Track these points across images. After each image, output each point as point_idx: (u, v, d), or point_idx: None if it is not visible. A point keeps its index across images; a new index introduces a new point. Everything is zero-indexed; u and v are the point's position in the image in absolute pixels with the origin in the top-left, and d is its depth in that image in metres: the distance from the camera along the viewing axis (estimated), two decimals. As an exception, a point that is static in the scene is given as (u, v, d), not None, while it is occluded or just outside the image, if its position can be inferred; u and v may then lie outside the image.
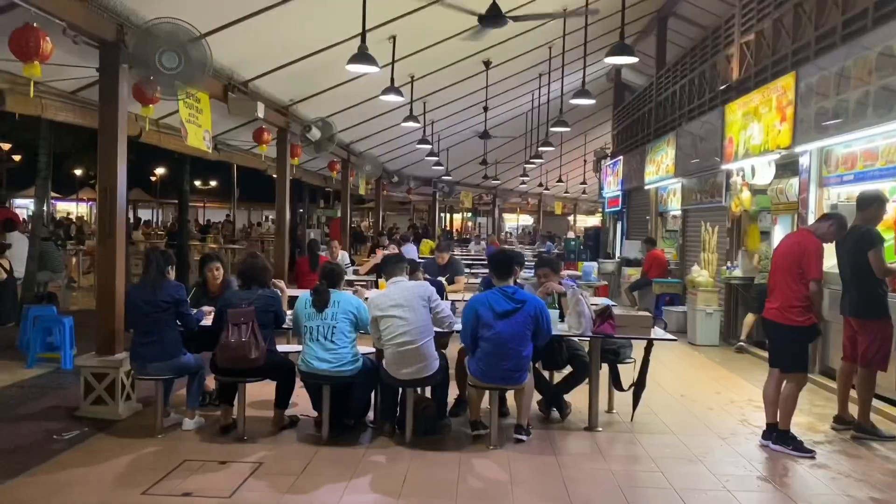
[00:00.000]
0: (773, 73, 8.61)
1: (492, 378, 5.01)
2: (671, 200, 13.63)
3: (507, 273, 5.10)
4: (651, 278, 12.63)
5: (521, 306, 4.92)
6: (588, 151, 25.73)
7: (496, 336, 4.89)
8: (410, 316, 4.93)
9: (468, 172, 25.01)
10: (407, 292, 5.01)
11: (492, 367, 4.95)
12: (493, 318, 4.91)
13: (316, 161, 15.39)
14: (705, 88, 11.50)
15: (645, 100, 15.64)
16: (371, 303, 5.11)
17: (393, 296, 5.02)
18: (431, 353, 5.00)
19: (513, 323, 4.88)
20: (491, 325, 4.91)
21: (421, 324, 4.95)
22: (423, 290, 5.05)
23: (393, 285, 5.15)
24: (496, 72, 13.26)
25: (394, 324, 4.95)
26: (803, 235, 5.41)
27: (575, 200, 36.02)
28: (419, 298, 4.99)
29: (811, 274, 5.12)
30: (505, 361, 4.92)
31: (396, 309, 4.96)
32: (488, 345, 4.92)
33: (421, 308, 4.96)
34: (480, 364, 4.98)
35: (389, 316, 4.96)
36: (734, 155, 9.60)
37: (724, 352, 9.54)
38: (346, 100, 11.67)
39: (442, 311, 5.13)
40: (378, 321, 5.01)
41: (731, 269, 9.93)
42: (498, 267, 5.13)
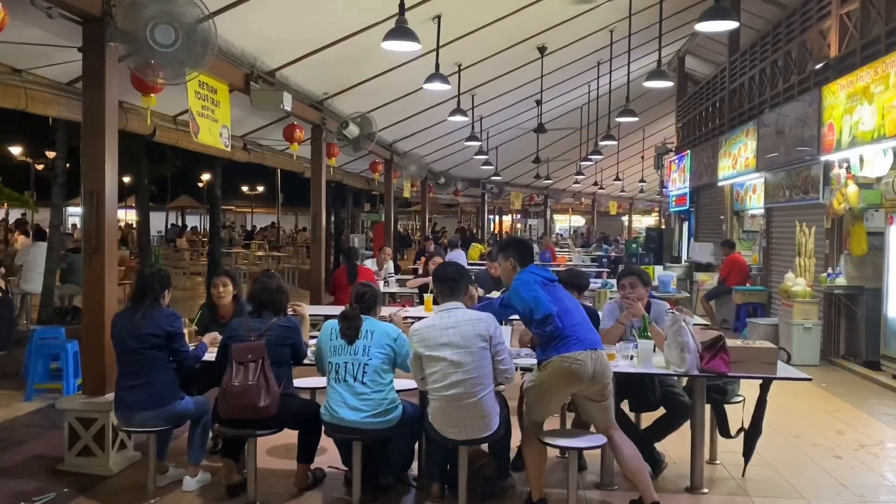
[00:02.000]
0: (890, 45, 7.23)
1: (590, 342, 3.94)
2: (750, 198, 12.21)
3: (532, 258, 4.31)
4: (730, 286, 11.26)
5: (556, 280, 4.19)
6: (647, 147, 24.25)
7: (564, 297, 4.10)
8: (467, 360, 3.76)
9: (518, 172, 23.78)
10: (464, 328, 3.79)
11: (582, 327, 3.99)
12: (551, 287, 4.11)
13: (357, 162, 14.42)
14: (792, 70, 10.11)
15: (716, 88, 14.22)
16: (415, 335, 3.88)
17: (445, 331, 3.80)
18: (492, 407, 3.85)
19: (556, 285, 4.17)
20: (551, 285, 4.11)
21: (481, 372, 3.78)
22: (486, 326, 3.81)
23: (445, 314, 3.90)
24: (551, 60, 12.05)
25: (443, 369, 3.78)
26: None
27: (631, 199, 34.41)
28: (479, 338, 3.79)
29: None
30: (586, 320, 4.08)
31: (448, 350, 3.77)
32: (565, 305, 4.04)
33: (480, 350, 3.79)
34: (570, 324, 3.93)
35: (438, 357, 3.79)
36: (836, 144, 8.21)
37: (827, 373, 8.16)
38: (387, 93, 10.62)
39: (503, 356, 3.90)
40: (423, 361, 3.86)
41: (832, 277, 8.53)
42: (526, 250, 4.33)
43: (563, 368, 3.83)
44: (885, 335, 7.76)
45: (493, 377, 3.85)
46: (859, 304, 8.27)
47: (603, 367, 3.88)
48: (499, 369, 3.85)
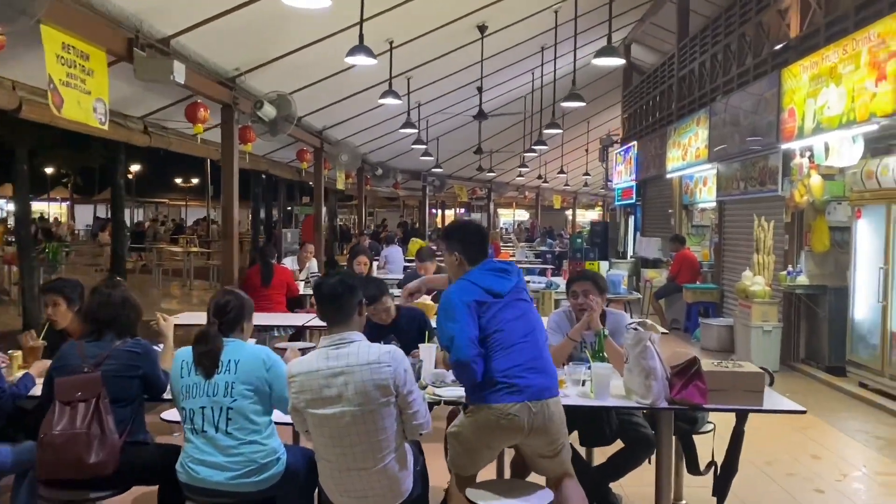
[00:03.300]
0: (859, 21, 6.57)
1: (529, 392, 2.99)
2: (700, 190, 11.60)
3: (486, 248, 3.41)
4: (681, 283, 10.61)
5: (518, 278, 3.26)
6: (592, 140, 23.69)
7: (515, 319, 3.12)
8: (365, 420, 2.75)
9: (461, 164, 22.92)
10: (359, 376, 2.74)
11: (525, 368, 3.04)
12: (498, 300, 3.11)
13: (285, 151, 13.32)
14: (747, 53, 9.46)
15: (664, 76, 13.58)
16: (292, 382, 2.80)
17: (333, 379, 2.74)
18: (400, 472, 2.86)
19: (520, 294, 3.24)
20: (497, 303, 3.12)
21: (384, 434, 2.78)
22: (389, 373, 2.76)
23: (332, 351, 2.80)
24: (492, 42, 11.18)
25: (332, 433, 2.77)
26: None
27: (575, 193, 33.98)
28: (378, 391, 2.75)
29: None
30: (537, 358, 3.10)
31: (338, 407, 2.74)
32: (509, 336, 3.08)
33: (382, 407, 2.77)
34: (506, 367, 3.01)
35: (324, 417, 2.75)
36: (797, 131, 7.56)
37: (789, 380, 7.50)
38: (311, 72, 9.58)
39: (415, 407, 2.85)
40: (303, 415, 2.83)
41: (792, 275, 7.89)
42: (476, 241, 3.34)
43: (489, 422, 2.96)
44: (850, 339, 7.14)
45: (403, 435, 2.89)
46: (822, 305, 7.65)
47: (547, 421, 2.99)
48: (410, 426, 2.88)
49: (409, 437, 2.94)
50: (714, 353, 8.91)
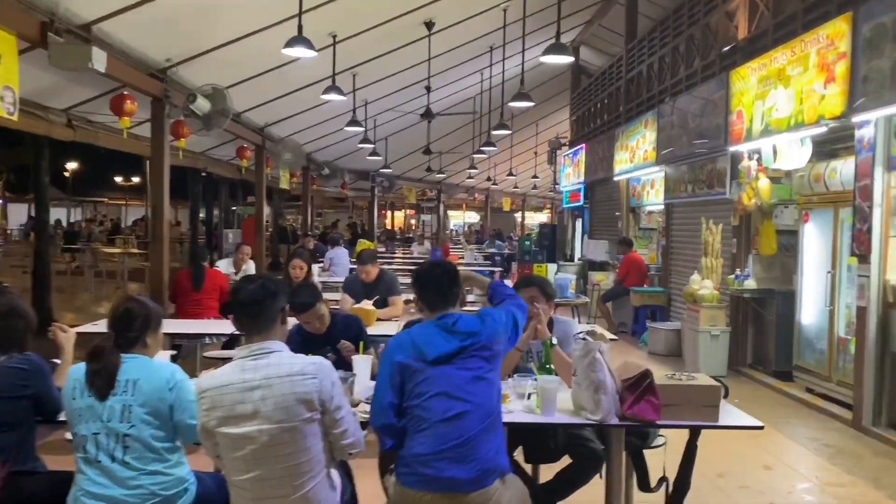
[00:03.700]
0: (807, 23, 6.50)
1: (439, 484, 2.59)
2: (648, 193, 11.54)
3: (452, 297, 2.86)
4: (628, 286, 10.52)
5: (474, 338, 2.70)
6: (540, 142, 23.65)
7: (439, 395, 2.62)
8: (285, 440, 2.43)
9: (410, 165, 22.62)
10: (279, 389, 2.43)
11: (439, 456, 2.59)
12: (428, 368, 2.65)
13: (225, 148, 12.83)
14: (695, 55, 9.41)
15: (612, 78, 13.52)
16: (202, 398, 2.47)
17: (249, 393, 2.43)
18: (325, 499, 2.55)
19: (467, 363, 2.66)
20: (425, 371, 2.65)
21: (307, 456, 2.46)
22: (314, 385, 2.46)
23: (249, 363, 2.48)
24: (440, 40, 10.92)
25: (248, 454, 2.44)
26: None
27: (524, 195, 33.99)
28: (302, 405, 2.44)
29: None
30: (460, 444, 2.59)
31: (255, 424, 2.42)
32: (426, 414, 2.62)
33: (304, 424, 2.45)
34: (417, 453, 2.63)
35: (239, 437, 2.43)
36: (746, 133, 7.49)
37: (736, 385, 7.37)
38: (251, 66, 9.18)
39: (344, 425, 2.55)
40: (215, 436, 2.49)
41: (740, 279, 7.82)
42: (433, 287, 2.87)
43: (404, 501, 2.67)
44: (797, 343, 7.09)
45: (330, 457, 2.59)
46: (769, 309, 7.60)
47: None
48: (338, 446, 2.57)
49: (338, 457, 2.65)
50: (661, 357, 8.84)
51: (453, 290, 2.86)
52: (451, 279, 2.89)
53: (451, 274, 2.92)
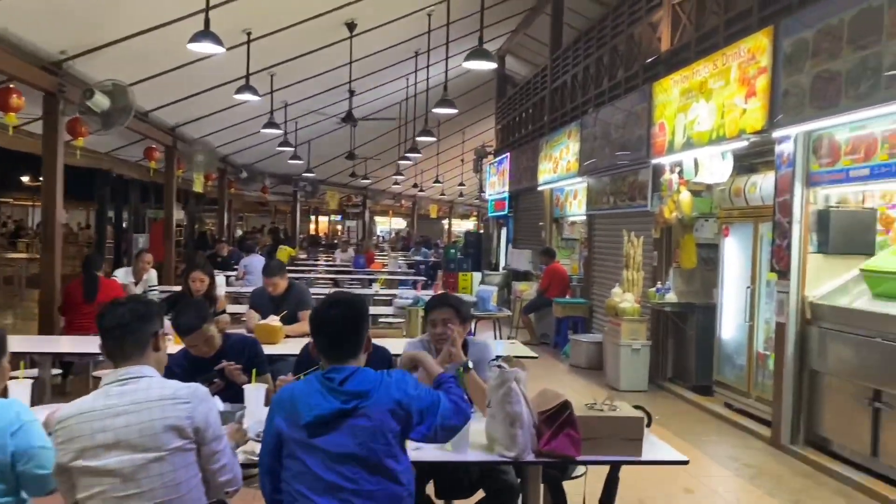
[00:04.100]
0: (729, 36, 6.48)
1: None
2: (571, 204, 11.49)
3: (350, 346, 2.42)
4: (550, 297, 10.41)
5: (363, 401, 2.28)
6: (467, 150, 23.55)
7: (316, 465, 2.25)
8: (152, 472, 2.12)
9: (335, 170, 22.12)
10: (146, 415, 2.14)
11: None
12: (303, 436, 2.26)
13: (133, 148, 12.13)
14: (618, 67, 9.39)
15: (537, 88, 13.47)
16: (59, 430, 2.14)
17: (112, 420, 2.12)
18: None
19: (347, 432, 2.26)
20: (303, 445, 2.26)
21: (176, 493, 2.15)
22: (186, 410, 2.18)
23: (115, 389, 2.18)
24: (362, 43, 10.58)
25: (109, 490, 2.11)
26: None
27: (451, 203, 33.90)
28: (172, 432, 2.15)
29: None
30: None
31: (116, 455, 2.11)
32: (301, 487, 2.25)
33: (175, 455, 2.15)
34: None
35: (99, 470, 2.10)
36: (668, 146, 7.45)
37: (656, 400, 7.35)
38: (157, 61, 8.63)
39: (223, 460, 2.27)
40: (72, 474, 2.14)
41: (661, 292, 7.78)
42: (327, 331, 2.43)
43: None
44: (717, 358, 7.06)
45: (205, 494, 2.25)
46: (689, 323, 7.56)
47: None
48: (215, 483, 2.26)
49: (213, 496, 2.31)
50: (583, 370, 8.73)
51: (352, 338, 2.40)
52: (352, 323, 2.41)
53: (352, 317, 2.42)
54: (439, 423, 2.35)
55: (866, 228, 5.44)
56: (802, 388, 5.57)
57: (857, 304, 5.12)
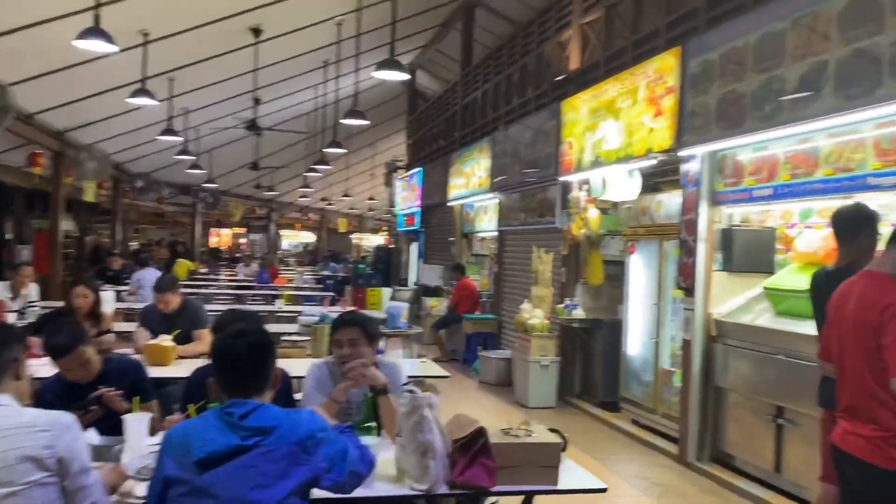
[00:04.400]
0: (637, 56, 6.58)
1: None
2: (482, 219, 11.46)
3: (256, 381, 2.18)
4: (461, 313, 10.31)
5: (264, 438, 2.05)
6: (377, 164, 23.32)
7: None
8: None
9: (239, 181, 21.42)
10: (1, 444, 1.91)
11: None
12: (193, 476, 2.00)
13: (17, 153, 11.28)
14: (528, 84, 9.43)
15: (448, 103, 13.44)
16: None
17: None
18: None
19: (244, 473, 2.00)
20: (192, 489, 1.99)
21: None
22: (47, 439, 1.94)
23: None
24: (269, 49, 10.24)
25: None
26: (878, 282, 2.62)
27: (360, 217, 33.52)
28: (28, 463, 1.90)
29: None
30: None
31: None
32: None
33: (32, 489, 1.90)
34: None
35: None
36: (576, 163, 7.50)
37: (564, 416, 7.34)
38: (41, 60, 8.04)
39: (90, 495, 2.03)
40: None
41: (569, 309, 7.79)
42: (231, 363, 2.20)
43: None
44: (624, 374, 7.10)
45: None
46: (597, 340, 7.59)
47: None
48: None
49: None
50: (492, 386, 8.64)
51: (259, 373, 2.17)
52: (259, 357, 2.19)
53: (258, 350, 2.20)
54: (348, 470, 2.15)
55: (767, 247, 5.56)
56: (708, 404, 5.63)
57: (760, 321, 5.22)
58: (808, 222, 5.37)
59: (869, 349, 2.52)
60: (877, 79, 3.85)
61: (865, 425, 2.60)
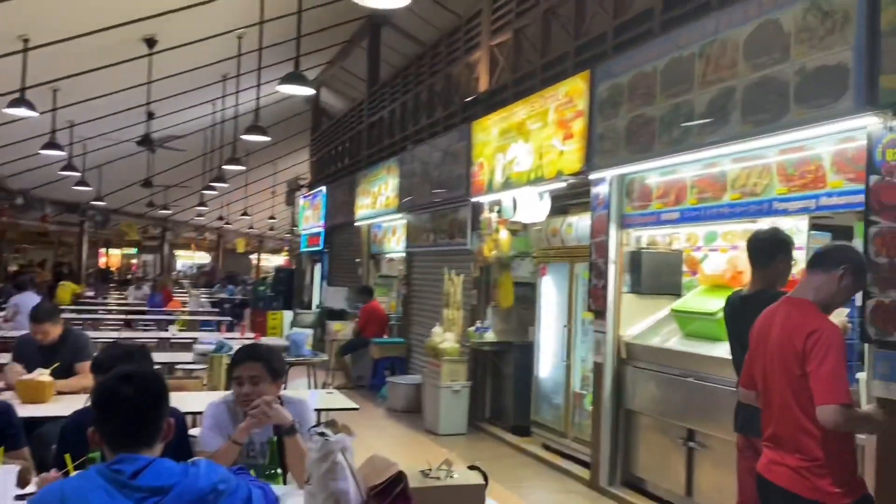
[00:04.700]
0: (546, 79, 6.59)
1: None
2: (389, 240, 11.25)
3: (146, 433, 1.91)
4: (367, 337, 10.03)
5: (162, 499, 1.75)
6: (279, 183, 22.73)
7: None
8: None
9: (130, 199, 20.35)
10: None
11: None
12: None
13: None
14: (437, 104, 9.35)
15: (354, 121, 13.20)
16: None
17: None
18: None
19: None
20: None
21: None
22: None
23: None
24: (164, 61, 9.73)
25: None
26: (801, 309, 2.61)
27: (260, 237, 32.55)
28: None
29: (829, 394, 2.40)
30: None
31: None
32: None
33: None
34: None
35: None
36: (487, 185, 7.44)
37: (476, 443, 7.20)
38: None
39: None
40: None
41: (480, 331, 7.68)
42: (117, 413, 1.89)
43: None
44: (535, 398, 7.03)
45: None
46: (507, 363, 7.51)
47: None
48: None
49: None
50: (400, 413, 8.40)
51: (150, 423, 1.89)
52: (149, 404, 1.90)
53: (148, 396, 1.91)
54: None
55: (674, 270, 5.63)
56: (619, 428, 5.61)
57: (668, 343, 5.24)
58: (712, 245, 5.47)
59: (794, 377, 2.49)
60: (783, 105, 3.93)
61: (790, 455, 2.57)
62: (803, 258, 4.05)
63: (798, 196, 4.19)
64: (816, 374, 2.40)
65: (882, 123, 3.47)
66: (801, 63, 3.85)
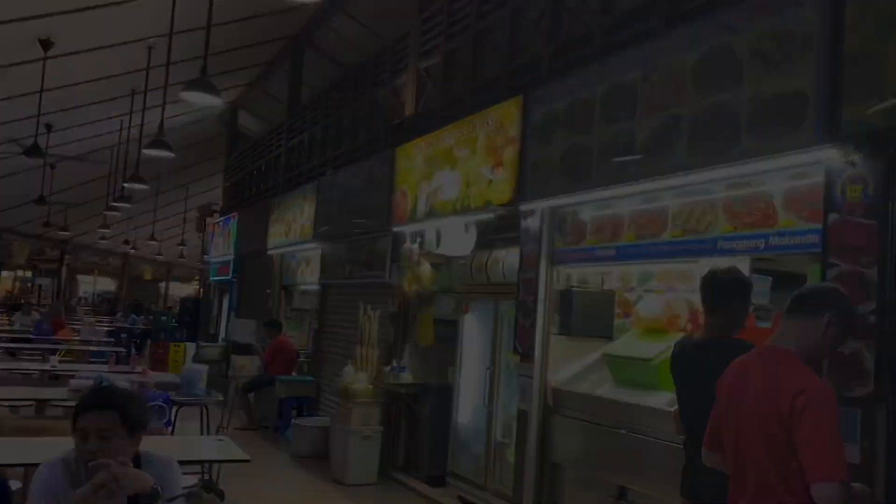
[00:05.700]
0: (477, 104, 6.20)
1: None
2: (304, 271, 10.59)
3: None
4: (273, 374, 9.29)
5: None
6: (191, 208, 21.65)
7: None
8: None
9: (25, 217, 18.89)
10: None
11: None
12: None
13: None
14: (360, 129, 8.87)
15: (271, 145, 12.54)
16: None
17: None
18: None
19: None
20: None
21: None
22: None
23: None
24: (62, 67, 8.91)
25: None
26: (783, 362, 2.21)
27: (169, 265, 30.98)
28: None
29: (829, 470, 2.00)
30: None
31: None
32: None
33: None
34: None
35: None
36: (410, 214, 6.96)
37: (386, 494, 6.60)
38: None
39: None
40: None
41: (396, 371, 7.12)
42: None
43: None
44: (452, 446, 6.50)
45: None
46: (424, 406, 6.95)
47: None
48: None
49: None
50: (306, 459, 7.71)
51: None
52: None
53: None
54: None
55: (606, 311, 5.25)
56: (544, 482, 5.13)
57: (599, 391, 4.84)
58: (647, 286, 5.13)
59: (777, 443, 2.07)
60: (734, 135, 3.63)
61: (766, 533, 2.14)
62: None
63: (745, 235, 3.87)
64: (811, 446, 1.98)
65: (842, 157, 3.19)
66: (755, 90, 3.56)
